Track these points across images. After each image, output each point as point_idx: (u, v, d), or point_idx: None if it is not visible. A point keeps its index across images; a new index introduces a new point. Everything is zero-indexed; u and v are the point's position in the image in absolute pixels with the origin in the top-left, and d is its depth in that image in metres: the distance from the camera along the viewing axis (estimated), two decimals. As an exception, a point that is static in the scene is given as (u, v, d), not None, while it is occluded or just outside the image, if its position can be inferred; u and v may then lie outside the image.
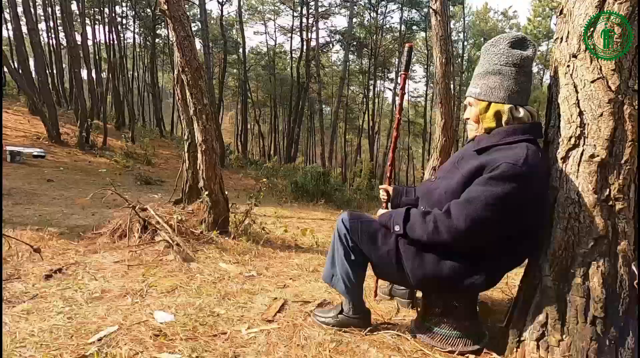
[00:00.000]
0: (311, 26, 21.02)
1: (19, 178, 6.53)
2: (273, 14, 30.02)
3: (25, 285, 1.93)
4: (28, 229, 3.04)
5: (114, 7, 20.26)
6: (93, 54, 20.86)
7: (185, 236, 2.82)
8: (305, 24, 21.56)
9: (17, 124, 12.89)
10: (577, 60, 1.13)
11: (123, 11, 24.47)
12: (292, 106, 23.34)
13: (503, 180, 1.10)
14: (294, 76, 23.79)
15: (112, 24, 19.64)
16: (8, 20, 15.23)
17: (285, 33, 30.05)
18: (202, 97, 2.81)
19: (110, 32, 18.78)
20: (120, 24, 23.05)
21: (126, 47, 25.29)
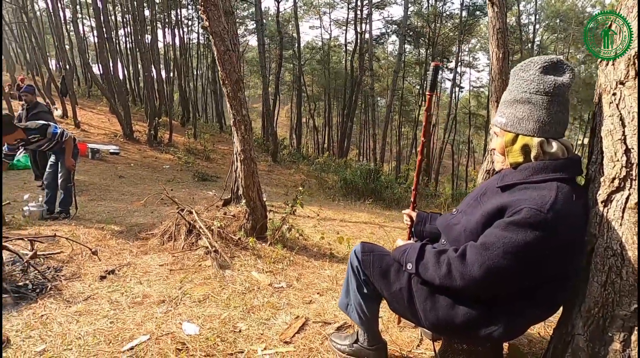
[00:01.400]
0: (365, 18, 20.57)
1: (97, 174, 7.37)
2: (328, 7, 29.99)
3: (83, 285, 2.18)
4: (94, 228, 3.43)
5: (180, 10, 21.66)
6: (163, 55, 22.66)
7: (225, 241, 2.96)
8: (360, 17, 21.16)
9: (99, 123, 14.48)
10: (624, 88, 0.95)
11: (189, 13, 26.14)
12: (346, 99, 23.23)
13: (525, 227, 0.97)
14: (348, 69, 23.63)
15: (179, 26, 21.06)
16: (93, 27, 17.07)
17: (340, 26, 29.90)
18: (241, 108, 2.90)
19: (177, 34, 20.15)
20: (186, 25, 24.61)
21: (191, 47, 27.03)
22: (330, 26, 31.38)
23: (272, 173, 12.28)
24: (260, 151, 15.91)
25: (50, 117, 5.25)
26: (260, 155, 15.03)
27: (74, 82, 18.79)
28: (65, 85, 13.30)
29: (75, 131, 12.23)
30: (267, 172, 12.16)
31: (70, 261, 2.54)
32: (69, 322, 1.74)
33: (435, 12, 20.55)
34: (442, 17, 21.45)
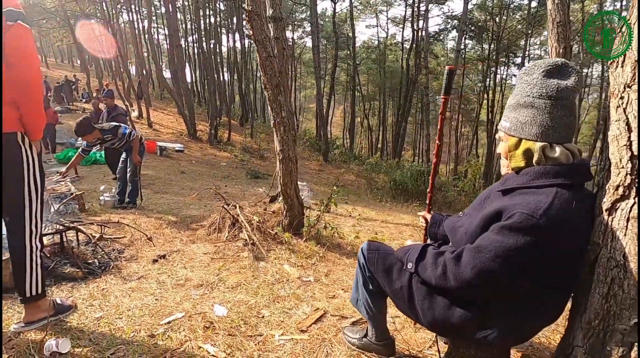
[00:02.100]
0: (422, 14, 19.93)
1: (163, 169, 8.15)
2: (385, 5, 29.58)
3: (138, 266, 2.50)
4: (154, 217, 3.86)
5: (242, 15, 22.82)
6: (227, 58, 24.12)
7: (263, 235, 3.16)
8: (417, 13, 20.55)
9: (169, 123, 15.89)
10: (631, 91, 0.90)
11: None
12: (401, 99, 22.75)
13: (516, 231, 0.97)
14: (404, 68, 23.10)
15: (240, 30, 22.23)
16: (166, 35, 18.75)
17: (398, 24, 29.32)
18: (281, 110, 3.08)
19: (239, 39, 21.29)
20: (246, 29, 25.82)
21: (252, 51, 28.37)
22: (387, 24, 30.85)
23: (322, 172, 12.51)
24: (312, 151, 16.27)
25: (125, 119, 5.95)
26: (312, 154, 15.36)
27: (149, 86, 20.81)
28: (141, 89, 14.81)
29: (147, 130, 13.59)
30: (317, 171, 12.42)
31: (130, 245, 2.91)
32: (123, 296, 2.02)
33: (500, 5, 19.24)
34: (509, 9, 20.00)
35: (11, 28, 1.49)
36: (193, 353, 1.51)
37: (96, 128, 4.03)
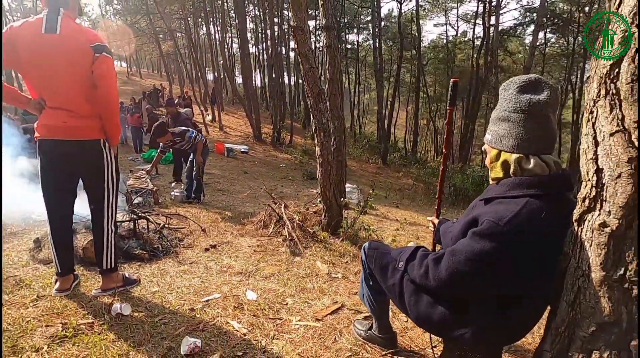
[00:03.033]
0: (494, 9, 18.65)
1: (228, 169, 8.90)
2: (456, 1, 28.27)
3: (192, 253, 2.91)
4: (212, 212, 4.34)
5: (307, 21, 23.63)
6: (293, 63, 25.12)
7: (303, 233, 3.40)
8: (488, 8, 19.31)
9: (238, 126, 17.12)
10: (598, 107, 0.93)
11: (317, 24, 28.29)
12: (470, 99, 21.56)
13: (483, 237, 1.03)
14: (474, 67, 21.86)
15: None
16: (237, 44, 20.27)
17: (468, 20, 27.81)
18: (322, 117, 3.29)
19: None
20: (313, 34, 26.56)
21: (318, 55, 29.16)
22: (457, 22, 29.44)
23: (379, 175, 12.47)
24: (371, 153, 16.25)
25: (189, 123, 6.66)
26: (371, 157, 15.36)
27: (223, 92, 22.65)
28: (214, 96, 16.20)
29: (218, 132, 14.83)
30: (374, 174, 12.41)
31: (189, 235, 3.36)
32: (176, 276, 2.40)
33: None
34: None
35: (98, 58, 1.92)
36: (221, 327, 1.79)
37: (169, 132, 4.66)
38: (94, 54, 1.90)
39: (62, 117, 1.92)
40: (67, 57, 1.86)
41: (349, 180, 9.79)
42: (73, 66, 1.87)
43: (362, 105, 38.20)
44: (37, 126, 1.96)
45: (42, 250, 2.65)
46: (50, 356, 1.51)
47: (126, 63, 36.27)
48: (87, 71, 1.90)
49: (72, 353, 1.52)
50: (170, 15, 15.64)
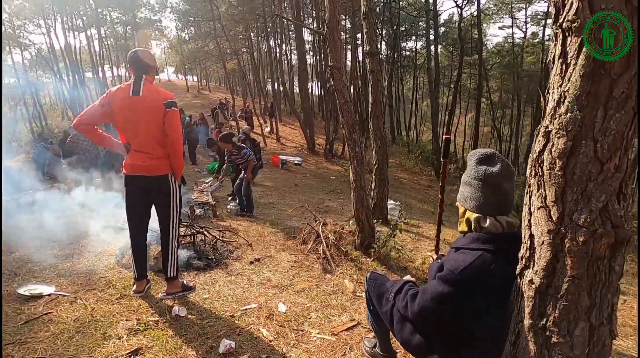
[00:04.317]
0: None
1: (281, 181, 9.53)
2: (524, 2, 26.61)
3: (239, 265, 3.38)
4: (261, 226, 4.84)
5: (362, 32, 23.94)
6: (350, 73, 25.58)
7: (337, 251, 3.71)
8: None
9: (294, 137, 17.94)
10: (531, 183, 1.13)
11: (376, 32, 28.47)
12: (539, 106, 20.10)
13: (443, 282, 1.27)
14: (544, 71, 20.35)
15: (363, 47, 23.40)
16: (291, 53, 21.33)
17: (538, 21, 25.97)
18: (355, 146, 3.59)
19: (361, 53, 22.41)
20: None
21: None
22: (525, 24, 27.60)
23: (431, 188, 12.27)
24: (425, 165, 15.97)
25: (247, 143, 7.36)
26: (424, 169, 15.11)
27: (282, 103, 23.85)
28: (273, 109, 17.22)
29: (276, 144, 15.74)
30: (425, 187, 12.25)
31: (239, 248, 3.86)
32: (223, 285, 2.87)
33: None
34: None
35: (169, 112, 2.46)
36: (253, 333, 2.18)
37: (232, 142, 5.38)
38: (166, 109, 2.45)
39: (142, 158, 2.49)
40: (147, 113, 2.42)
41: (397, 194, 9.87)
42: (151, 120, 2.43)
43: (421, 112, 37.38)
44: (124, 164, 2.56)
45: (125, 256, 3.31)
46: (128, 344, 2.02)
47: (197, 77, 39.81)
48: (161, 122, 2.45)
49: (142, 343, 2.02)
50: (235, 37, 17.08)
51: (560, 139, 1.03)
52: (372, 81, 5.49)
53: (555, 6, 1.03)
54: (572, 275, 1.03)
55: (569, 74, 1.01)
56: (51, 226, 4.50)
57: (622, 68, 0.94)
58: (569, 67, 1.01)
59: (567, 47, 1.02)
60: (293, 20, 12.09)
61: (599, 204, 1.00)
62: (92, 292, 2.66)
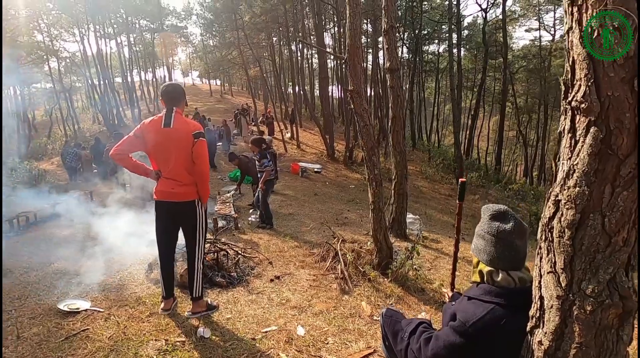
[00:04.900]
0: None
1: (300, 190, 9.66)
2: (552, 4, 25.85)
3: (260, 283, 3.50)
4: (280, 240, 4.96)
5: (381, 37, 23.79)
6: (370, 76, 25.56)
7: (355, 270, 3.78)
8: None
9: (313, 143, 18.09)
10: (541, 247, 1.17)
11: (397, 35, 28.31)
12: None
13: (455, 332, 1.32)
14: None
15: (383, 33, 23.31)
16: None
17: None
18: (374, 168, 3.65)
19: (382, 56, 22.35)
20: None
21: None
22: (553, 26, 26.78)
23: (451, 198, 12.10)
24: (446, 172, 15.75)
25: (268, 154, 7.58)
26: (445, 176, 14.91)
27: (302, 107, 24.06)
28: (294, 115, 17.44)
29: (296, 150, 15.92)
30: (446, 197, 12.09)
31: (260, 264, 3.99)
32: (245, 305, 3.00)
33: None
34: None
35: (197, 142, 2.61)
36: (272, 357, 2.29)
37: (261, 147, 5.59)
38: (194, 140, 2.60)
39: (172, 185, 2.65)
40: (177, 143, 2.58)
41: (416, 204, 9.81)
42: (180, 150, 2.59)
43: (443, 115, 36.80)
44: (154, 190, 2.73)
45: (153, 272, 3.50)
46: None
47: (220, 82, 40.71)
48: (189, 151, 2.60)
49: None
50: (258, 44, 17.44)
51: (569, 211, 1.07)
52: (392, 96, 5.53)
53: (564, 84, 1.08)
54: (579, 342, 1.07)
55: (577, 150, 1.06)
56: (84, 236, 4.80)
57: (629, 149, 0.99)
58: (578, 143, 1.06)
59: (576, 124, 1.06)
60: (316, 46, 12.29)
61: (607, 275, 1.04)
62: (124, 308, 2.84)
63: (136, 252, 4.01)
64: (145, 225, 4.38)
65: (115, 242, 4.24)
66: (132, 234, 4.33)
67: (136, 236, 4.28)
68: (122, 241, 4.23)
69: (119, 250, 4.10)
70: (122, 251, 4.08)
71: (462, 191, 1.77)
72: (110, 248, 4.14)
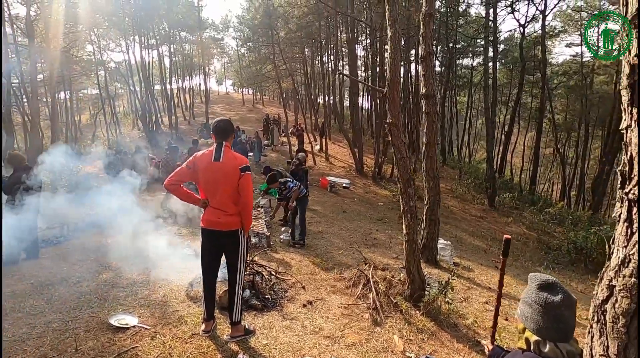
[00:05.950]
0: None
1: (329, 206, 9.74)
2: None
3: (293, 307, 3.60)
4: (311, 261, 5.06)
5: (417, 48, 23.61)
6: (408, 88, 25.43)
7: (387, 300, 3.80)
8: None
9: (342, 156, 18.18)
10: (593, 327, 1.19)
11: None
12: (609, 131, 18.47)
13: None
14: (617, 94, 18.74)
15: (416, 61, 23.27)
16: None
17: (613, 39, 23.99)
18: (409, 200, 3.69)
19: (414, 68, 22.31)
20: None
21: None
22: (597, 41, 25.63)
23: (482, 220, 11.78)
24: (477, 192, 15.36)
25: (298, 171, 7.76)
26: (477, 196, 14.53)
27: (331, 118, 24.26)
28: (324, 128, 17.65)
29: (325, 163, 16.06)
30: (477, 218, 11.77)
31: (292, 287, 4.09)
32: (280, 331, 3.10)
33: None
34: None
35: (243, 176, 2.77)
36: (309, 391, 2.36)
37: (278, 181, 5.81)
38: (241, 173, 2.76)
39: (218, 214, 2.81)
40: (225, 176, 2.75)
41: (446, 225, 9.63)
42: (228, 182, 2.76)
43: (474, 130, 35.96)
44: (202, 218, 2.90)
45: (193, 289, 3.68)
46: (201, 389, 2.29)
47: (252, 91, 41.84)
48: (236, 184, 2.76)
49: (213, 390, 2.29)
50: (292, 57, 17.90)
51: (624, 299, 1.10)
52: (428, 122, 5.54)
53: (621, 175, 1.12)
54: None
55: (634, 241, 1.09)
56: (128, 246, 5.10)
57: (689, 248, 1.00)
58: (634, 235, 1.08)
59: (633, 215, 1.09)
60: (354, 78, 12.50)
61: (662, 368, 1.05)
62: (168, 327, 3.02)
63: (179, 266, 4.22)
64: (185, 240, 4.60)
65: (158, 253, 4.48)
66: (174, 248, 4.56)
67: (178, 251, 4.51)
68: (164, 255, 4.47)
69: (162, 263, 4.34)
70: (165, 263, 4.31)
71: (506, 248, 1.79)
72: (154, 260, 4.38)
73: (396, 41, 3.58)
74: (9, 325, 3.01)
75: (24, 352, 2.61)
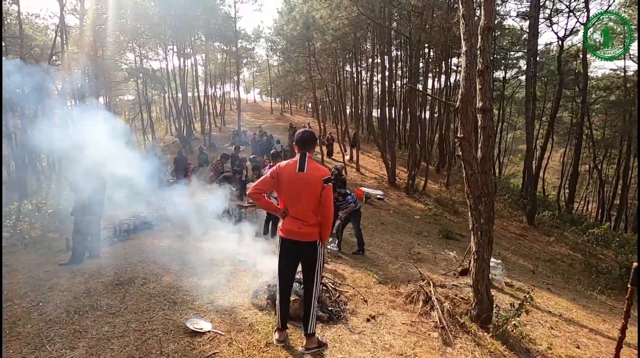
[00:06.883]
0: None
1: (367, 217, 9.63)
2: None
3: (357, 321, 3.55)
4: (364, 274, 5.00)
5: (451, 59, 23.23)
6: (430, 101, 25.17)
7: (452, 320, 3.69)
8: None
9: (372, 167, 18.06)
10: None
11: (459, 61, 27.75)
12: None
13: None
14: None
15: (447, 74, 23.02)
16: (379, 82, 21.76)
17: (660, 53, 22.95)
18: (480, 218, 3.59)
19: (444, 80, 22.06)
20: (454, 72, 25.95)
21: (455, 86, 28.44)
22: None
23: (523, 238, 11.35)
24: (514, 208, 14.85)
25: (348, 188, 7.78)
26: (514, 213, 14.05)
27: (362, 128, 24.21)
28: (355, 139, 17.62)
29: (356, 173, 16.02)
30: (516, 236, 11.35)
31: (351, 299, 4.05)
32: (351, 345, 3.06)
33: None
34: None
35: (326, 187, 2.78)
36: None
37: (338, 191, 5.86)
38: (323, 184, 2.78)
39: (298, 224, 2.83)
40: (308, 187, 2.77)
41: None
42: (311, 193, 2.77)
43: (505, 144, 35.04)
44: (281, 227, 2.93)
45: (258, 297, 3.71)
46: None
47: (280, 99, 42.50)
48: (318, 195, 2.78)
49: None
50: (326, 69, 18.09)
51: None
52: (484, 137, 5.36)
53: None
54: None
55: None
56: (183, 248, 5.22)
57: None
58: None
59: None
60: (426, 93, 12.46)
61: None
62: (241, 334, 3.04)
63: (239, 272, 4.27)
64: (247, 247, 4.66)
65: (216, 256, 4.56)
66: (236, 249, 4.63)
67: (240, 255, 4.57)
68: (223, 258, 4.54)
69: (221, 267, 4.40)
70: (225, 268, 4.37)
71: (636, 277, 1.69)
72: (212, 263, 4.45)
73: (472, 55, 3.54)
74: (91, 322, 3.12)
75: (111, 351, 2.69)
